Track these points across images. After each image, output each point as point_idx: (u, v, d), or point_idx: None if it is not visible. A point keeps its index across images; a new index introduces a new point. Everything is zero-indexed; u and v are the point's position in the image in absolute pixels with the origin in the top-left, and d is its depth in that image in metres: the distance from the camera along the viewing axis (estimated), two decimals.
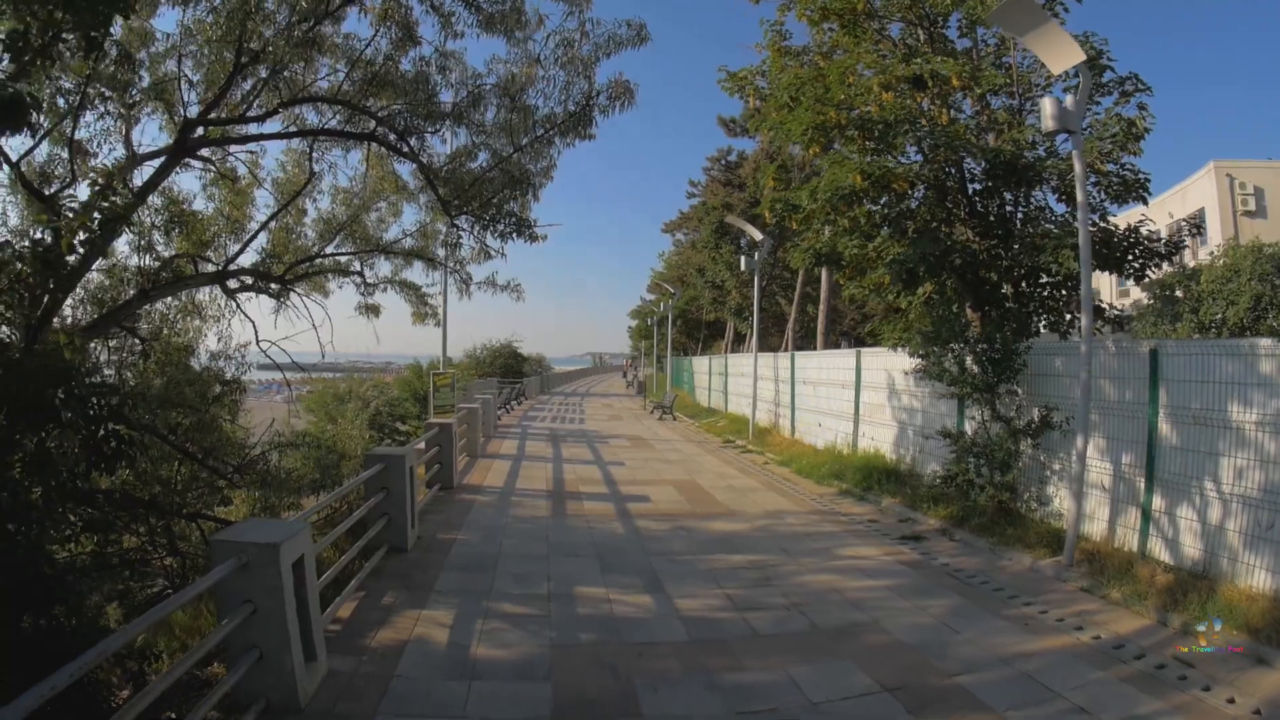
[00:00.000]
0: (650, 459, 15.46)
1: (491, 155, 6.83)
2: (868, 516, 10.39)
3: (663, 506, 10.53)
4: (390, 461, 7.38)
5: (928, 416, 12.16)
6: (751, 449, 17.62)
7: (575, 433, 20.79)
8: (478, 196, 6.73)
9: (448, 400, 19.24)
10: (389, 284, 11.03)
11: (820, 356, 17.69)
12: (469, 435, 14.36)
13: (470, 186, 6.70)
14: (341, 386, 26.25)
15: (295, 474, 10.87)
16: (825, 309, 24.46)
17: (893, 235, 10.91)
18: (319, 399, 26.09)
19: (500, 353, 45.26)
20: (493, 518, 9.34)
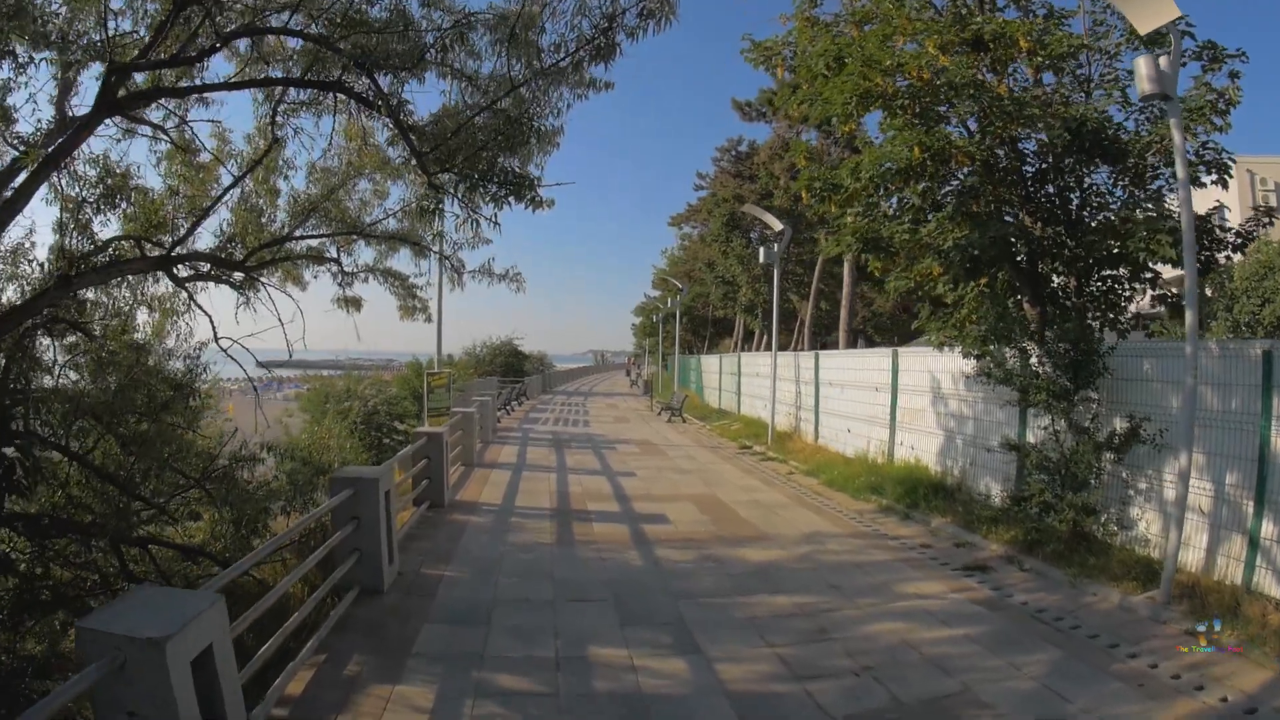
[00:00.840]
0: (663, 468, 14.14)
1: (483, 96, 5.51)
2: (918, 540, 9.09)
3: (684, 528, 9.22)
4: (361, 486, 6.07)
5: (981, 425, 10.91)
6: (772, 456, 16.30)
7: (580, 437, 19.47)
8: (464, 148, 5.41)
9: (443, 402, 17.90)
10: (370, 273, 9.66)
11: (848, 356, 16.38)
12: (464, 442, 13.07)
13: (454, 135, 5.39)
14: (339, 385, 24.67)
15: (267, 487, 9.55)
16: (848, 304, 23.10)
17: (952, 217, 9.57)
18: (315, 398, 24.54)
19: (501, 350, 44.04)
20: (488, 546, 8.01)
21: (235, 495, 8.73)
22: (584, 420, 24.98)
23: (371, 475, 6.13)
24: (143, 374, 8.55)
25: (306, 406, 24.55)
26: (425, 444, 9.34)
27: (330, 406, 22.54)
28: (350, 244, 9.87)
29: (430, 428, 9.72)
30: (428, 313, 10.90)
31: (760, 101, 27.63)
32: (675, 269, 64.61)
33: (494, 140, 5.42)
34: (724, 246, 33.86)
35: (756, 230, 34.13)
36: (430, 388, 17.87)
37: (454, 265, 9.10)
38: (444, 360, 45.40)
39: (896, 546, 8.83)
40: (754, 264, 31.92)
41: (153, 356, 9.16)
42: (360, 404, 22.41)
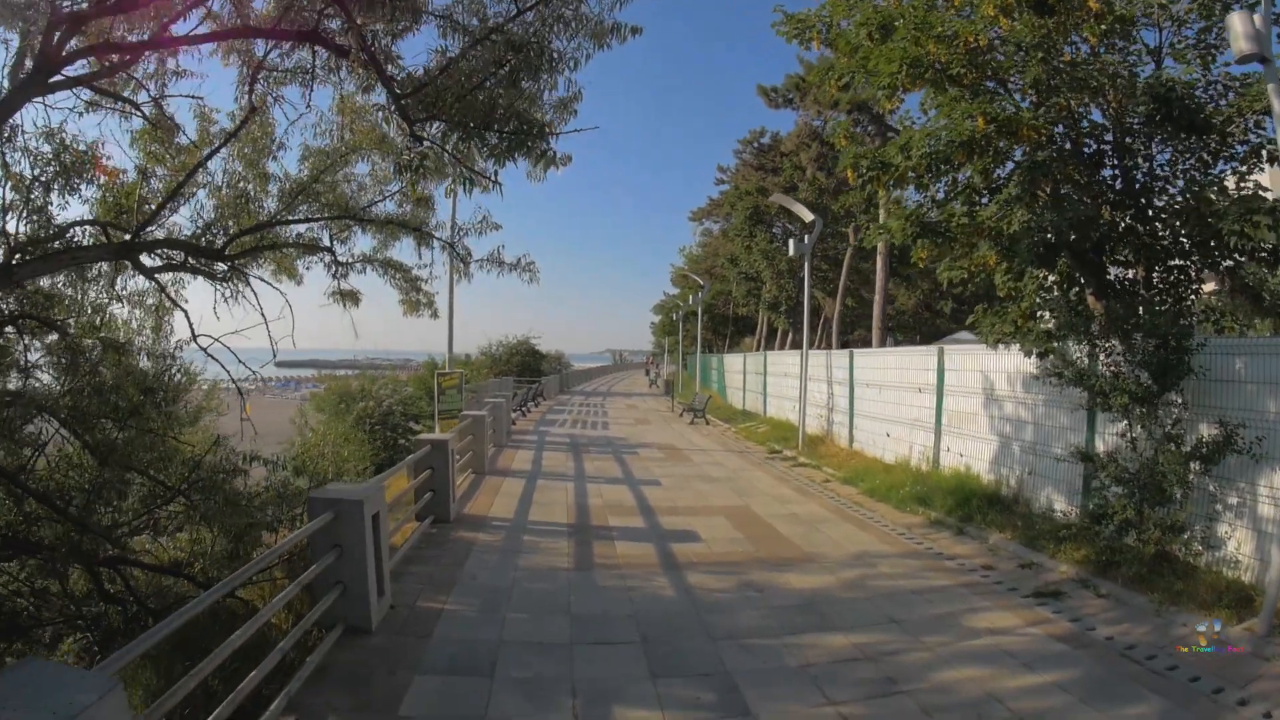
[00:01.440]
0: (690, 476, 13.16)
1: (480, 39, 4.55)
2: (978, 560, 8.11)
3: (717, 548, 8.25)
4: (343, 509, 5.16)
5: (1042, 430, 9.90)
6: (804, 461, 15.29)
7: (599, 441, 18.53)
8: (455, 88, 4.48)
9: (455, 404, 17.07)
10: (368, 263, 8.75)
11: (887, 355, 15.30)
12: (474, 448, 12.18)
13: (443, 72, 4.45)
14: (354, 385, 24.55)
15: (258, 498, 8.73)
16: (881, 299, 21.99)
17: (1019, 198, 8.55)
18: (329, 398, 24.41)
19: (517, 350, 43.28)
20: (497, 571, 7.08)
21: (217, 507, 7.93)
22: (603, 422, 24.05)
23: (355, 496, 5.22)
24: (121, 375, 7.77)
25: (321, 406, 24.61)
26: (429, 453, 8.44)
27: (345, 406, 22.37)
28: (346, 233, 9.00)
29: (434, 435, 8.82)
30: (433, 308, 10.00)
31: (787, 87, 26.58)
32: (695, 267, 63.49)
33: (493, 75, 4.48)
34: (747, 241, 32.78)
35: (780, 224, 33.09)
36: (441, 389, 17.07)
37: (459, 253, 8.21)
38: (458, 360, 44.87)
39: (955, 568, 7.84)
40: (779, 259, 30.90)
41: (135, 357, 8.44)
42: (375, 404, 22.12)
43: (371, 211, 8.14)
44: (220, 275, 8.59)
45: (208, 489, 8.32)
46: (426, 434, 8.99)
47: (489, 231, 8.18)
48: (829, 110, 23.85)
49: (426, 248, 9.03)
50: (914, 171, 9.12)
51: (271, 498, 8.89)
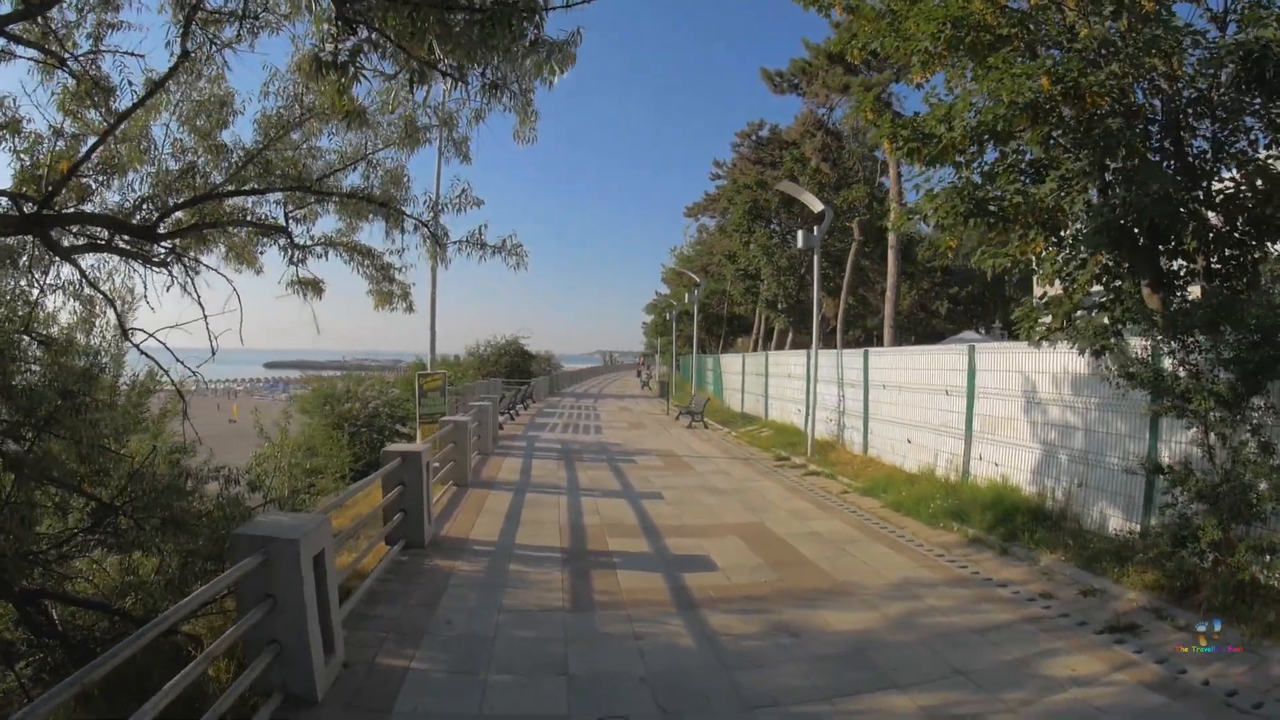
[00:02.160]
0: (694, 487, 12.05)
1: None
2: (1033, 586, 7.11)
3: (737, 578, 7.14)
4: (275, 550, 4.03)
5: (1094, 438, 8.90)
6: (815, 470, 14.23)
7: (592, 447, 17.38)
8: None
9: (437, 408, 15.91)
10: (329, 247, 7.60)
11: (907, 354, 14.24)
12: (456, 458, 11.03)
13: None
14: (339, 386, 23.92)
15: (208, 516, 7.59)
16: (893, 296, 20.97)
17: (1089, 172, 7.50)
18: (314, 399, 23.75)
19: (506, 350, 42.16)
20: (477, 613, 5.93)
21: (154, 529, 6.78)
22: (596, 426, 22.91)
23: (290, 533, 4.08)
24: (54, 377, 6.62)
25: (305, 408, 23.99)
26: (398, 467, 7.30)
27: (329, 408, 21.88)
28: (304, 210, 7.84)
29: (405, 446, 7.68)
30: (408, 300, 8.84)
31: (792, 71, 25.49)
32: (688, 266, 62.23)
33: None
34: (746, 237, 31.71)
35: (780, 220, 32.09)
36: (423, 391, 15.92)
37: (434, 233, 7.08)
38: (444, 361, 43.72)
39: (1011, 598, 6.81)
40: (779, 254, 29.85)
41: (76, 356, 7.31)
42: (360, 405, 21.53)
43: (329, 183, 6.97)
44: (158, 260, 7.44)
45: (147, 507, 7.21)
46: (396, 444, 7.82)
47: (469, 209, 7.06)
48: (837, 95, 22.79)
49: (398, 230, 7.87)
50: (958, 145, 8.10)
51: (220, 518, 7.76)
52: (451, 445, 10.83)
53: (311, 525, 4.21)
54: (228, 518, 7.33)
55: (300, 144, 7.36)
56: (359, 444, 20.70)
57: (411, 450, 7.39)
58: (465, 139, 7.35)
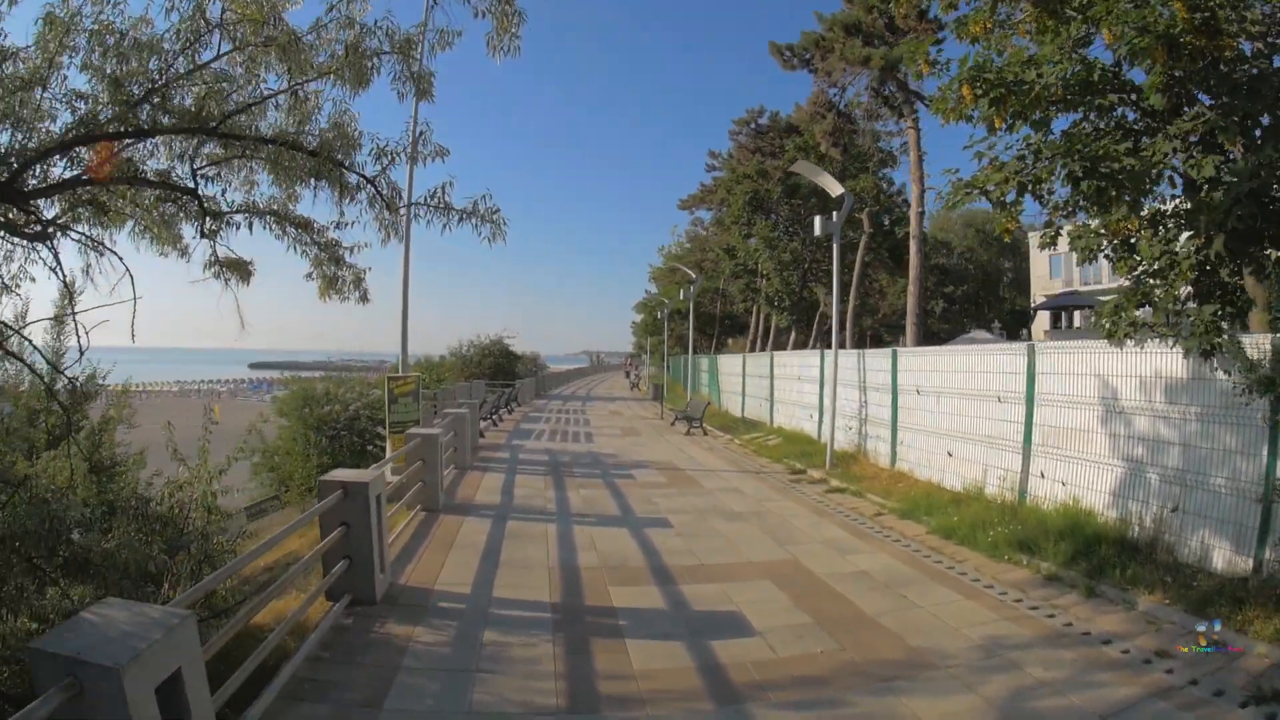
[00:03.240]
0: (705, 510, 10.42)
1: None
2: (1140, 639, 5.70)
3: (783, 646, 5.51)
4: (90, 678, 2.35)
5: (1194, 454, 7.49)
6: (838, 485, 12.65)
7: (584, 458, 15.69)
8: None
9: (410, 415, 14.20)
10: (252, 215, 5.91)
11: (946, 355, 12.65)
12: (425, 477, 9.36)
13: None
14: (319, 388, 23.09)
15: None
16: (917, 290, 19.38)
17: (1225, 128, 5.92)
18: (293, 401, 22.90)
19: (490, 350, 40.48)
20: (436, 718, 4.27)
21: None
22: (586, 433, 21.21)
23: (107, 657, 2.41)
24: None
25: (283, 410, 23.52)
26: (339, 503, 5.62)
27: (308, 411, 21.19)
28: (228, 171, 6.14)
29: (348, 474, 5.97)
30: (362, 288, 7.12)
31: (804, 45, 23.83)
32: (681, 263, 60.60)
33: None
34: (746, 230, 30.07)
35: (776, 213, 30.49)
36: (394, 396, 14.20)
37: (380, 191, 5.43)
38: (425, 361, 41.97)
39: (1123, 660, 5.44)
40: (783, 248, 28.26)
41: None
42: (341, 408, 20.68)
43: (237, 123, 5.26)
44: (31, 233, 5.75)
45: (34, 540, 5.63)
46: (340, 471, 6.13)
47: (430, 160, 5.40)
48: (857, 68, 21.20)
49: (339, 191, 6.17)
50: (1052, 94, 6.55)
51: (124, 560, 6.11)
52: (420, 463, 9.15)
53: (147, 636, 2.54)
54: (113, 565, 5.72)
55: (209, 78, 5.64)
56: (339, 448, 20.07)
57: (355, 480, 5.69)
58: (428, 74, 5.69)
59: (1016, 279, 55.94)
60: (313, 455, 23.42)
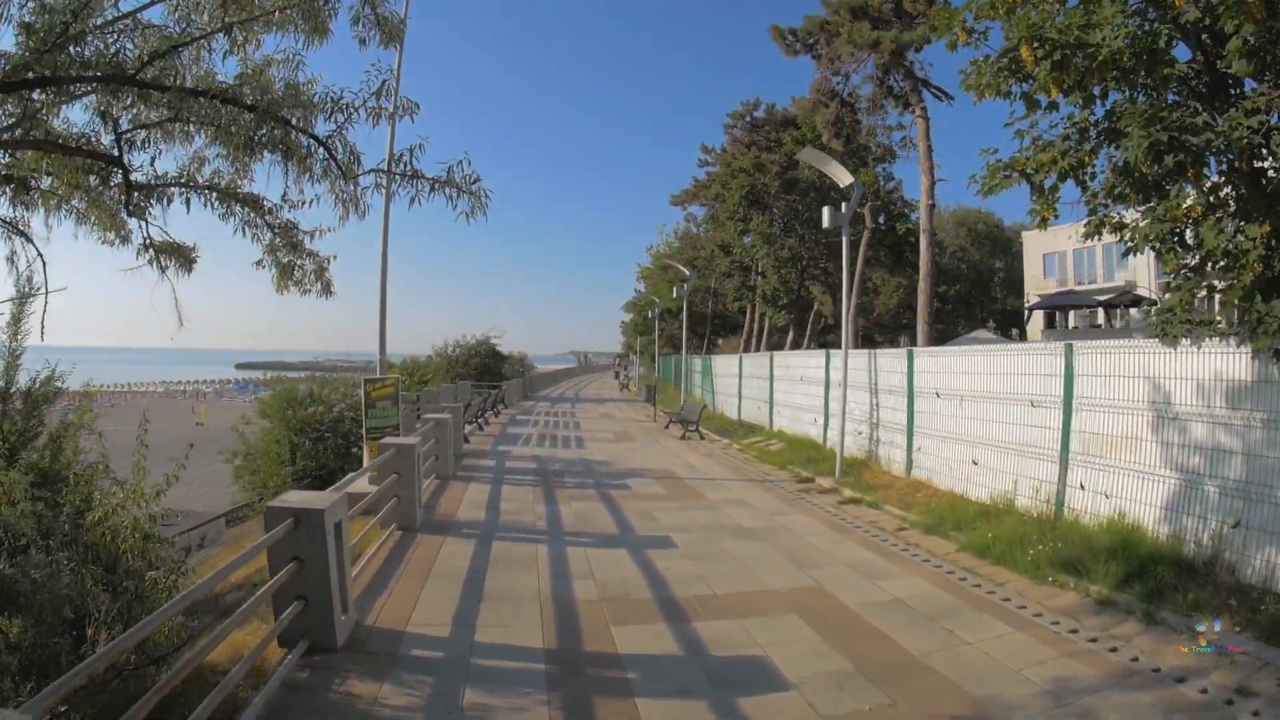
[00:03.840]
0: (712, 527, 9.53)
1: None
2: (1217, 676, 4.98)
3: (823, 703, 4.62)
4: None
5: (1259, 464, 6.86)
6: (852, 495, 11.82)
7: (575, 466, 14.78)
8: None
9: (388, 420, 13.23)
10: (187, 188, 4.99)
11: (971, 355, 11.78)
12: (400, 493, 8.42)
13: None
14: (301, 389, 22.56)
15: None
16: (928, 287, 18.57)
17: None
18: (276, 403, 22.17)
19: (476, 350, 39.42)
20: None
21: None
22: (577, 438, 20.29)
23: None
24: None
25: (265, 412, 23.01)
26: (288, 534, 4.69)
27: (291, 412, 20.64)
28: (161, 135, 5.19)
29: (301, 499, 5.04)
30: (324, 279, 6.23)
31: (808, 29, 22.94)
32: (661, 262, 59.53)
33: None
34: (742, 226, 29.19)
35: (773, 209, 29.63)
36: (371, 400, 13.22)
37: (333, 155, 4.51)
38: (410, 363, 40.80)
39: (1203, 702, 4.71)
40: (781, 244, 27.40)
41: None
42: (325, 409, 20.06)
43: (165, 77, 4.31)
44: None
45: None
46: (292, 494, 5.20)
47: (400, 118, 4.49)
48: (867, 51, 20.34)
49: (307, 175, 5.25)
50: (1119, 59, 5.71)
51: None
52: (395, 477, 8.21)
53: None
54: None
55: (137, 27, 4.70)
56: (323, 450, 19.55)
57: (309, 507, 4.76)
58: (398, 20, 4.76)
59: (1008, 278, 55.58)
60: (297, 459, 22.36)
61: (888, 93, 21.65)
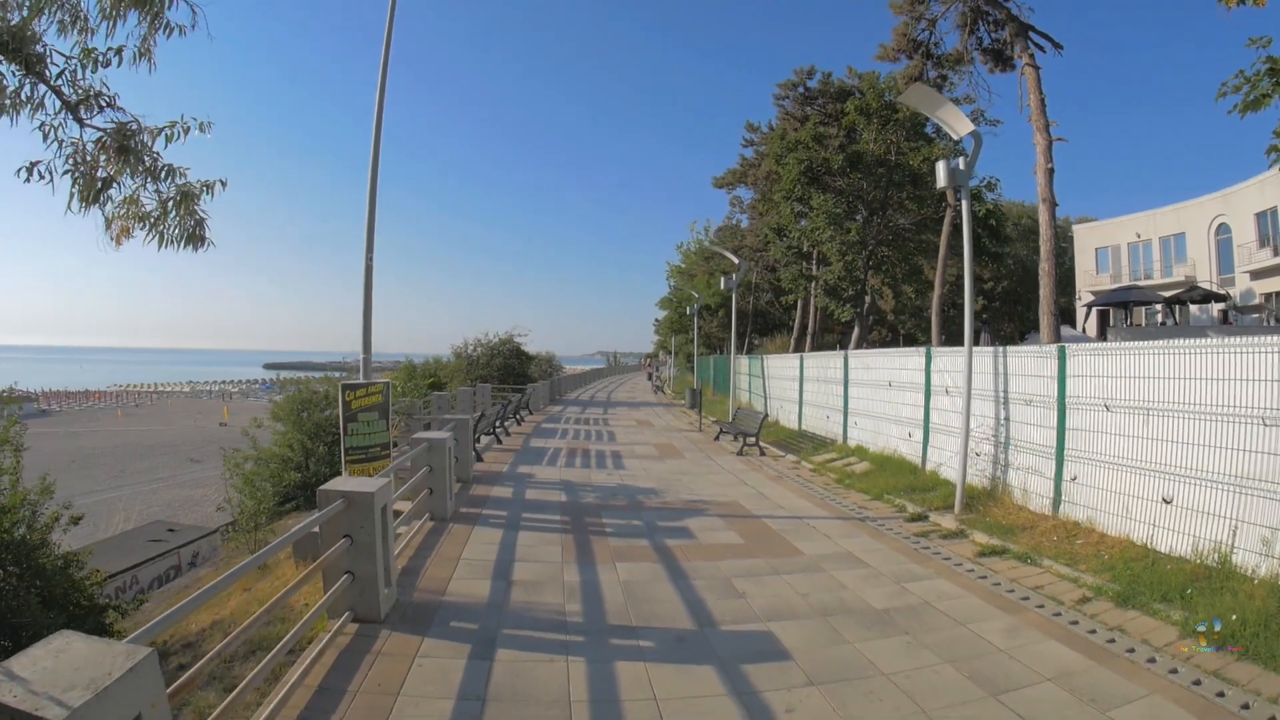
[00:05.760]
0: (829, 610, 6.47)
1: None
2: None
3: None
4: None
5: None
6: (986, 541, 8.90)
7: (614, 495, 11.81)
8: None
9: (376, 438, 10.47)
10: None
11: (1162, 355, 8.60)
12: (357, 567, 5.54)
13: None
14: (319, 390, 22.78)
15: None
16: (1051, 269, 15.35)
17: None
18: (290, 405, 22.20)
19: (498, 350, 36.82)
20: None
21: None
22: (612, 453, 17.30)
23: None
24: None
25: (278, 415, 23.16)
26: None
27: (305, 415, 20.93)
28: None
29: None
30: (192, 224, 3.41)
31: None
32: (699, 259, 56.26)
33: None
34: (799, 207, 25.99)
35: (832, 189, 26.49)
36: (351, 412, 10.48)
37: None
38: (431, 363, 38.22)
39: None
40: (850, 228, 24.22)
41: None
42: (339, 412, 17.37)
43: None
44: None
45: None
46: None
47: None
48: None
49: None
50: None
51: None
52: (345, 542, 5.36)
53: None
54: None
55: None
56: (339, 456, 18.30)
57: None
58: None
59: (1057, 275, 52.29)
60: (311, 464, 20.84)
61: (978, 44, 18.52)
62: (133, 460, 43.39)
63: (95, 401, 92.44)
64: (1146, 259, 39.50)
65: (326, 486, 5.32)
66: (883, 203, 25.48)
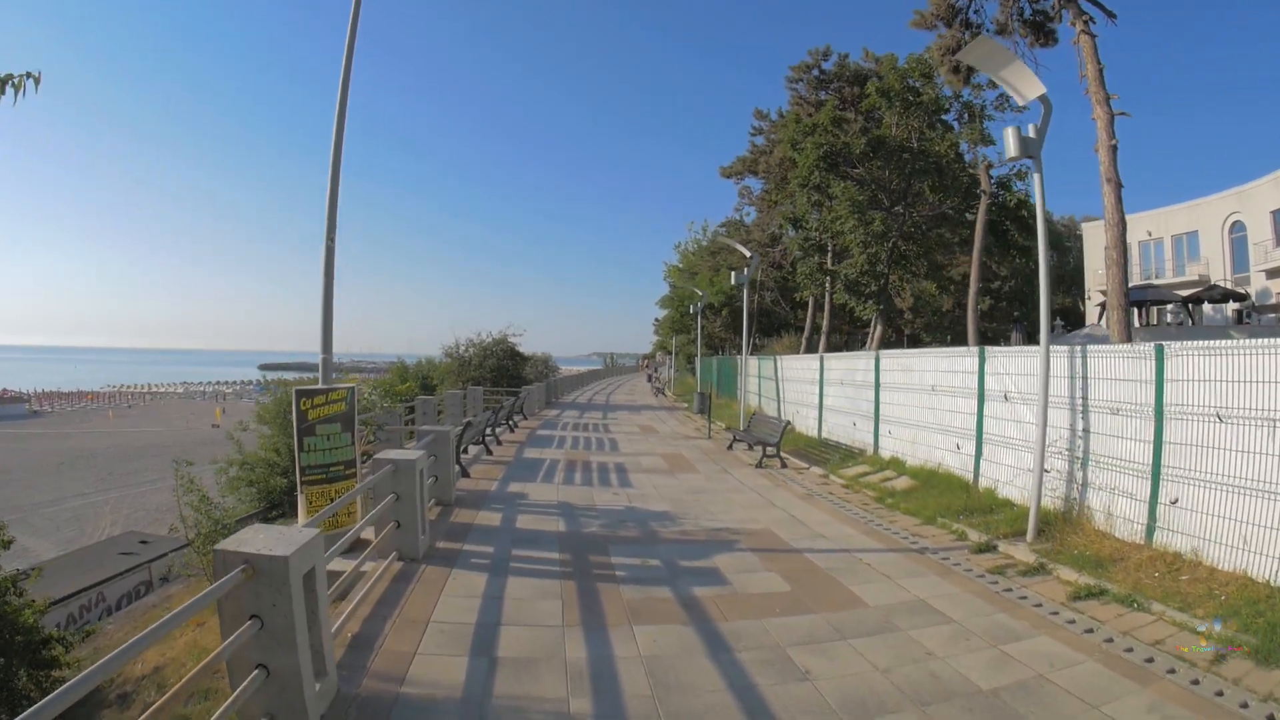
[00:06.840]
0: (923, 698, 4.87)
1: None
2: None
3: None
4: None
5: None
6: (1075, 579, 7.38)
7: (624, 523, 10.17)
8: None
9: (338, 454, 8.93)
10: None
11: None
12: (272, 662, 3.97)
13: None
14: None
15: None
16: (1119, 257, 13.72)
17: None
18: (275, 408, 21.88)
19: (492, 351, 35.19)
20: None
21: None
22: (617, 465, 15.70)
23: None
24: None
25: (264, 417, 22.72)
26: None
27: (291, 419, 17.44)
28: None
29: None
30: None
31: None
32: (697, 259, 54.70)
33: None
34: (816, 196, 24.34)
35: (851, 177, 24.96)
36: (308, 424, 8.95)
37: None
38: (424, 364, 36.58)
39: None
40: (874, 218, 22.64)
41: None
42: None
43: None
44: None
45: None
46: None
47: None
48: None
49: None
50: None
51: None
52: (252, 625, 3.79)
53: None
54: None
55: None
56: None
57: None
58: None
59: (1061, 275, 51.66)
60: (238, 489, 20.20)
61: (1019, 14, 17.01)
62: (123, 462, 42.60)
63: (88, 402, 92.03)
64: (1158, 257, 39.07)
65: (224, 545, 3.73)
66: (904, 193, 23.92)
